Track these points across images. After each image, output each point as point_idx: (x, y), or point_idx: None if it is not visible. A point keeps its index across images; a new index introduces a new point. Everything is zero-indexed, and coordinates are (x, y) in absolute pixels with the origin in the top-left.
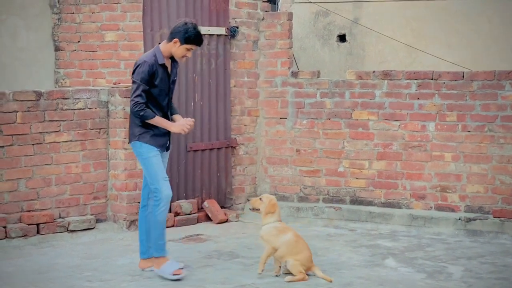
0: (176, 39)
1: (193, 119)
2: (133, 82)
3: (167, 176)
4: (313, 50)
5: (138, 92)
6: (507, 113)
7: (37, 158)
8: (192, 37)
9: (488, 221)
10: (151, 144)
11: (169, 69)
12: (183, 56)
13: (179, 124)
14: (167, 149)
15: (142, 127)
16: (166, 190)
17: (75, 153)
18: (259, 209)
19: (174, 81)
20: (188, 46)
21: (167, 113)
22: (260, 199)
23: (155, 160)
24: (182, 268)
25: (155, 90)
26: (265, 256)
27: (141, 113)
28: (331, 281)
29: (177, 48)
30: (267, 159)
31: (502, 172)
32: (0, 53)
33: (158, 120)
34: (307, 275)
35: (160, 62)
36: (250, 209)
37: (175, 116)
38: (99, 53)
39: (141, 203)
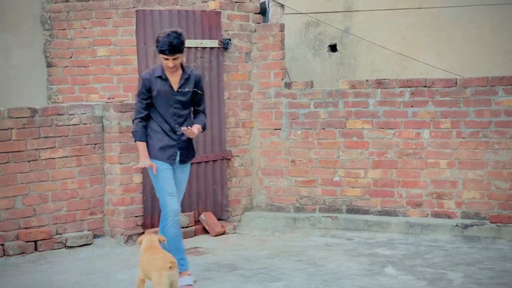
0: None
1: (152, 164)
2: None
3: (174, 192)
4: (304, 60)
5: (136, 107)
6: (501, 119)
7: (33, 175)
8: (159, 48)
9: (485, 227)
10: (158, 158)
11: (172, 81)
12: (168, 67)
13: (141, 161)
14: (182, 161)
15: (151, 142)
16: (171, 205)
17: (71, 169)
18: None
19: (183, 92)
20: (162, 56)
21: (173, 125)
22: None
23: (162, 174)
24: (190, 285)
25: (155, 103)
26: None
27: (133, 130)
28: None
29: (161, 60)
30: (262, 171)
31: (498, 178)
32: None
33: (138, 146)
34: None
35: (156, 75)
36: None
37: (194, 126)
38: (92, 68)
39: (162, 214)
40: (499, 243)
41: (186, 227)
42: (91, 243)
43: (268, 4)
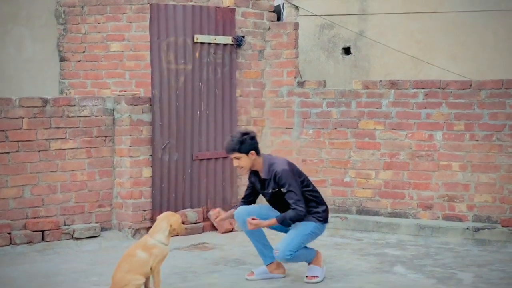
0: None
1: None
2: None
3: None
4: (318, 62)
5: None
6: None
7: (43, 165)
8: None
9: (496, 231)
10: None
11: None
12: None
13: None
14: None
15: None
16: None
17: (81, 160)
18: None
19: (268, 193)
20: None
21: (278, 208)
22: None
23: None
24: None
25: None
26: None
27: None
28: None
29: None
30: None
31: (510, 182)
32: (6, 64)
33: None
34: None
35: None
36: None
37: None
38: (104, 63)
39: None
40: (510, 247)
41: (195, 223)
42: (98, 236)
43: (283, 6)
